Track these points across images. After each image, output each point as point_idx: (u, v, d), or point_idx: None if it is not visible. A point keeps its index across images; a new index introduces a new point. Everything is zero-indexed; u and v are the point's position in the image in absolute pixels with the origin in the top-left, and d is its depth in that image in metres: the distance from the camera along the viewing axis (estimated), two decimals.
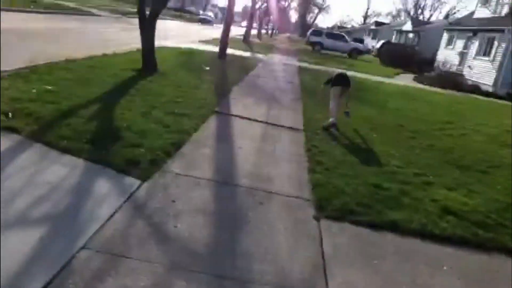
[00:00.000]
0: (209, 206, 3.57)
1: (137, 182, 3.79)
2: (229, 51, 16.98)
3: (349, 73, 18.44)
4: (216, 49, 15.47)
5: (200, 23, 47.40)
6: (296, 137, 6.45)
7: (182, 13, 60.30)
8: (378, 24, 58.14)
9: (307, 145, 6.01)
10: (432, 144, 7.06)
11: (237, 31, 29.43)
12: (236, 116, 7.06)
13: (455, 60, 24.17)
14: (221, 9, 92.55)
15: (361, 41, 43.37)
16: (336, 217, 3.69)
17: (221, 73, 11.53)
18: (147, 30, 9.21)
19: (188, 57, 13.53)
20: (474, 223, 3.94)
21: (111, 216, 3.15)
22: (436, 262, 3.29)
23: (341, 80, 7.81)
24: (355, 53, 32.02)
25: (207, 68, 11.42)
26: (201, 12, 60.97)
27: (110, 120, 5.41)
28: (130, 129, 5.12)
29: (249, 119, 7.02)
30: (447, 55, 25.55)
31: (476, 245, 3.59)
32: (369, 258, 3.13)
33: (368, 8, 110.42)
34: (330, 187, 4.36)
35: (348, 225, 3.61)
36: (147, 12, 9.35)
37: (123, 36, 16.05)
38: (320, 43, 32.23)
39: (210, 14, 63.75)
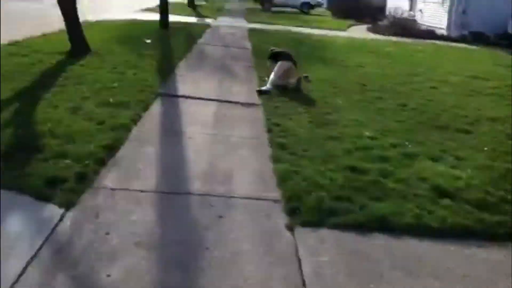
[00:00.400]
0: (152, 235, 2.80)
1: (60, 211, 2.96)
2: (174, 18, 15.67)
3: (304, 30, 17.84)
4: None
5: None
6: (253, 114, 5.69)
7: None
8: None
9: (267, 123, 5.27)
10: (403, 104, 6.48)
11: None
12: (183, 97, 6.19)
13: (406, 5, 23.70)
14: None
15: None
16: (312, 222, 3.02)
17: (164, 45, 10.42)
18: (68, 9, 7.98)
19: (127, 30, 12.24)
20: (475, 205, 3.36)
21: (22, 272, 2.34)
22: (447, 271, 2.67)
23: (281, 58, 7.27)
24: (306, 8, 30.96)
25: (149, 41, 10.29)
26: None
27: (29, 123, 4.46)
28: (54, 133, 4.21)
29: (199, 98, 6.17)
30: (397, 0, 25.05)
31: (485, 236, 3.02)
32: (363, 281, 2.50)
33: None
34: (299, 179, 3.67)
35: (329, 231, 2.95)
36: None
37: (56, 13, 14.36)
38: (269, 1, 30.88)
39: None
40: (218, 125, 5.16)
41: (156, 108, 5.52)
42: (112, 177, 3.53)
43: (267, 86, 6.83)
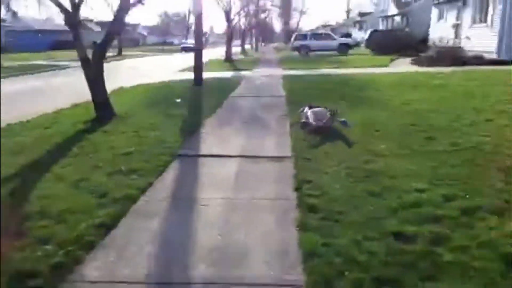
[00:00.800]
0: None
1: None
2: (209, 74, 15.70)
3: (342, 71, 17.18)
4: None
5: (184, 51, 46.27)
6: (281, 170, 4.97)
7: (164, 47, 59.75)
8: (362, 14, 56.65)
9: (296, 179, 4.53)
10: (456, 143, 5.51)
11: (222, 52, 28.02)
12: (204, 156, 5.61)
13: (450, 34, 22.64)
14: (209, 33, 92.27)
15: (348, 35, 42.04)
16: None
17: (194, 102, 10.13)
18: (94, 78, 7.87)
19: (159, 91, 12.17)
20: None
21: None
22: None
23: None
24: (344, 49, 30.60)
25: (179, 100, 10.04)
26: (183, 41, 60.04)
27: (22, 201, 4.00)
28: (46, 212, 3.70)
29: (222, 156, 5.56)
30: (441, 30, 24.04)
31: None
32: None
33: (348, 2, 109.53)
34: (330, 254, 2.86)
35: None
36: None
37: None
38: (305, 46, 30.88)
39: (191, 41, 62.94)
40: (239, 186, 4.48)
41: (171, 172, 4.96)
42: (96, 265, 2.90)
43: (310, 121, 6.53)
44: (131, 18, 69.78)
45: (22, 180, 4.57)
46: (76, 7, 7.80)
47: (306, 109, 7.17)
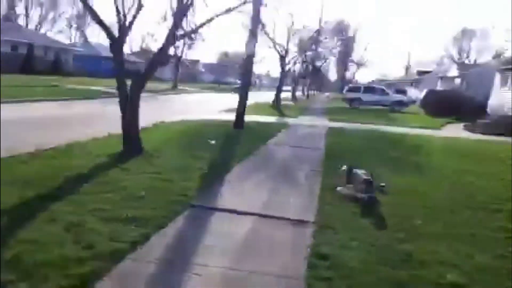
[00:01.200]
0: None
1: None
2: (252, 118, 15.47)
3: (391, 128, 16.38)
4: None
5: (234, 92, 47.06)
6: (299, 237, 4.36)
7: (220, 85, 61.27)
8: (420, 73, 55.53)
9: (312, 253, 3.90)
10: (507, 229, 4.68)
11: (273, 96, 27.97)
12: (219, 210, 5.10)
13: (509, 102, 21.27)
14: (265, 76, 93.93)
15: (403, 92, 40.97)
16: None
17: (228, 147, 9.75)
18: (128, 109, 7.71)
19: (197, 130, 11.97)
20: None
21: None
22: None
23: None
24: (397, 106, 29.69)
25: (213, 142, 9.71)
26: (238, 81, 61.42)
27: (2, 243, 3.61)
28: (18, 261, 3.29)
29: (236, 212, 5.02)
30: (502, 97, 22.69)
31: None
32: None
33: (409, 59, 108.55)
34: None
35: None
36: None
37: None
38: (358, 99, 30.32)
39: None
40: (244, 252, 3.91)
41: (175, 225, 4.46)
42: None
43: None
44: (192, 54, 72.37)
45: (11, 218, 4.22)
46: (122, 33, 7.74)
47: (345, 168, 6.50)
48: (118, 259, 3.49)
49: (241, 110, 13.51)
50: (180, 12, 7.91)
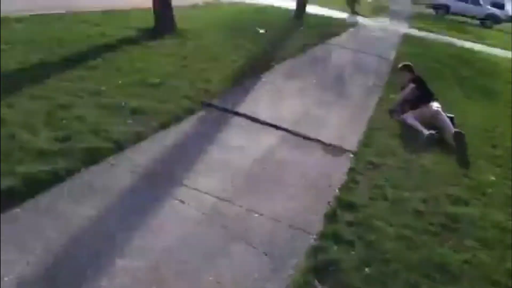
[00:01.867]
0: None
1: None
2: (318, 10, 13.70)
3: (474, 45, 13.97)
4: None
5: None
6: (328, 172, 3.42)
7: None
8: None
9: (337, 199, 2.99)
10: None
11: None
12: (239, 115, 4.18)
13: None
14: None
15: (500, 5, 35.50)
16: None
17: (280, 38, 8.45)
18: None
19: (249, 15, 10.55)
20: None
21: None
22: None
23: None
24: (490, 21, 25.77)
25: (262, 31, 8.45)
26: None
27: None
28: None
29: (259, 122, 4.09)
30: None
31: None
32: None
33: None
34: None
35: None
36: None
37: None
38: (445, 6, 26.47)
39: None
40: (250, 181, 3.05)
41: (179, 127, 3.63)
42: None
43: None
44: None
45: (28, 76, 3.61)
46: None
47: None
48: (92, 163, 2.74)
49: None
50: None
